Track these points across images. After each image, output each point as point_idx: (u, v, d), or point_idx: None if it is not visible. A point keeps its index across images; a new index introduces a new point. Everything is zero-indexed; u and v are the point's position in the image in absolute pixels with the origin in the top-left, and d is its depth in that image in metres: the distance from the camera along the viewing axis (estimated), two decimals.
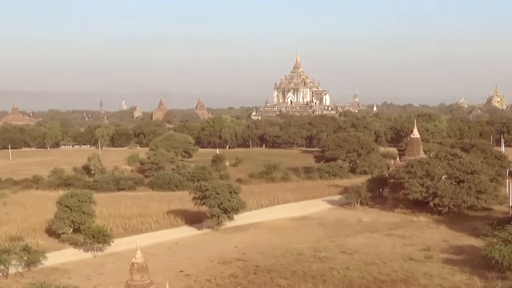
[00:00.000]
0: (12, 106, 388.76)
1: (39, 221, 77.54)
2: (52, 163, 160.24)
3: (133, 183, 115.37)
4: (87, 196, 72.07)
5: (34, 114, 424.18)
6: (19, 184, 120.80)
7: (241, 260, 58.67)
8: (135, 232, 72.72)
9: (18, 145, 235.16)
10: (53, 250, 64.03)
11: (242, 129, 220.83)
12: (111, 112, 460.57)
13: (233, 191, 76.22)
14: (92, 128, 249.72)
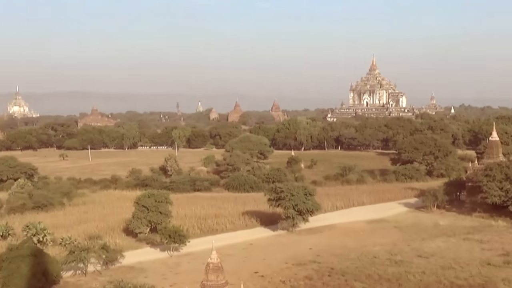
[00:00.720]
0: (92, 108, 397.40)
1: (117, 221, 79.01)
2: (130, 163, 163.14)
3: (208, 184, 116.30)
4: (164, 197, 73.02)
5: (112, 115, 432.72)
6: (98, 184, 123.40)
7: (316, 262, 58.43)
8: (211, 232, 73.26)
9: (97, 146, 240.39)
10: (130, 249, 65.10)
11: (318, 131, 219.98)
12: (187, 113, 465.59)
13: (308, 193, 76.01)
14: (169, 130, 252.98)
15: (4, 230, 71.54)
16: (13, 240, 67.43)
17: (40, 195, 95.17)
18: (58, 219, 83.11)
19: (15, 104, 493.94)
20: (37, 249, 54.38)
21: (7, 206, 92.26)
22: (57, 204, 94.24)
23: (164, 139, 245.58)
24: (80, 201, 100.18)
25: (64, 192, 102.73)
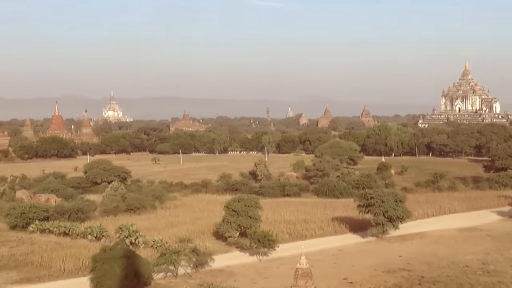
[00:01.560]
0: (183, 113, 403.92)
1: (207, 224, 79.92)
2: (220, 168, 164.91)
3: (298, 190, 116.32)
4: (254, 201, 73.40)
5: (203, 120, 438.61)
6: (189, 187, 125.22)
7: (406, 270, 57.55)
8: (300, 238, 73.19)
9: (188, 150, 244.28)
10: (220, 252, 65.70)
11: (408, 137, 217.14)
12: (277, 119, 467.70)
13: (399, 200, 75.03)
14: (259, 135, 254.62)
15: (98, 231, 73.50)
16: (107, 241, 69.14)
17: (133, 198, 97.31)
18: (150, 222, 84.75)
19: (110, 109, 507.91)
20: (130, 251, 55.60)
21: (101, 208, 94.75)
22: (149, 207, 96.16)
23: (254, 144, 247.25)
24: (172, 205, 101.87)
25: (156, 196, 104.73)
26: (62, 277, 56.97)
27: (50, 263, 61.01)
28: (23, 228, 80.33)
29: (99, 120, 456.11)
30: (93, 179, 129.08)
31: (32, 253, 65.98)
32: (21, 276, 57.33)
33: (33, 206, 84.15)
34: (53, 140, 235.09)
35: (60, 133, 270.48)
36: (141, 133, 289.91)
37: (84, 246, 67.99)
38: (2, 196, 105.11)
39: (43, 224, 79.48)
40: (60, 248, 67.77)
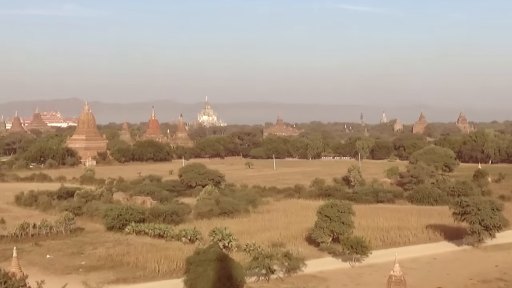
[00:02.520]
0: (277, 118, 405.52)
1: (299, 229, 79.88)
2: (313, 173, 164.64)
3: (392, 196, 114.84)
4: (347, 207, 73.00)
5: (297, 125, 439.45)
6: (282, 192, 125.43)
7: (503, 280, 55.97)
8: (393, 245, 72.26)
9: (281, 155, 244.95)
10: (312, 257, 65.55)
11: (506, 144, 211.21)
12: (371, 124, 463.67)
13: (496, 208, 73.04)
14: (352, 140, 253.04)
15: (192, 234, 74.62)
16: (200, 244, 70.06)
17: (226, 202, 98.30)
18: (243, 226, 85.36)
19: (205, 114, 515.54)
20: (223, 254, 56.15)
21: (196, 212, 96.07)
22: (242, 211, 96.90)
23: (348, 149, 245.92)
24: (264, 209, 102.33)
25: (249, 200, 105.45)
26: (156, 278, 58.10)
27: (145, 264, 62.33)
28: (120, 229, 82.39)
29: (194, 124, 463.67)
30: (188, 182, 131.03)
31: (128, 254, 67.60)
32: (117, 276, 58.78)
33: (129, 208, 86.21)
34: (149, 144, 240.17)
35: (156, 137, 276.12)
36: (235, 138, 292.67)
37: (178, 248, 69.15)
38: (100, 197, 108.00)
39: (139, 226, 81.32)
40: (155, 249, 69.18)
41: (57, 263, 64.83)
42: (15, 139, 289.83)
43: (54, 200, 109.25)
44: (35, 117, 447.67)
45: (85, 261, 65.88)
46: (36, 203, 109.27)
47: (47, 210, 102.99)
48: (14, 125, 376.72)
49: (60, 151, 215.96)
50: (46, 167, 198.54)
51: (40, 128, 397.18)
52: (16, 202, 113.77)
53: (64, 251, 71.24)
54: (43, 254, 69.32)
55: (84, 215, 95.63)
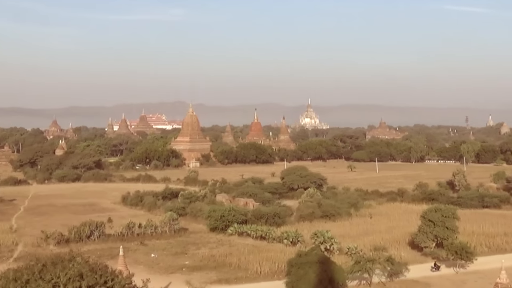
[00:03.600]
0: (380, 120, 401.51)
1: (402, 233, 78.80)
2: (416, 177, 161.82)
3: (498, 201, 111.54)
4: (451, 212, 71.57)
5: (400, 128, 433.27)
6: (384, 196, 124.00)
7: None
8: (499, 251, 70.17)
9: (384, 158, 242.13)
10: (415, 263, 64.54)
11: None
12: (477, 128, 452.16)
13: None
14: (457, 144, 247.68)
15: (294, 236, 74.82)
16: (302, 246, 70.16)
17: (328, 205, 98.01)
18: (345, 229, 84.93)
19: (307, 116, 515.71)
20: (324, 257, 56.07)
21: (297, 214, 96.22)
22: (344, 214, 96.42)
23: (452, 153, 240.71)
24: (367, 213, 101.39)
25: (351, 203, 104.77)
26: (258, 279, 58.56)
27: (247, 265, 62.91)
28: (222, 230, 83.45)
29: (296, 127, 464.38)
30: (290, 185, 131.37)
31: (230, 255, 68.41)
32: (220, 277, 59.60)
33: (232, 210, 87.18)
34: (252, 146, 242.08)
35: (258, 139, 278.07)
36: (337, 141, 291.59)
37: (280, 250, 69.48)
38: (203, 199, 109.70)
39: (241, 227, 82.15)
40: (257, 251, 69.73)
41: (161, 262, 66.34)
42: (122, 140, 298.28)
43: (159, 201, 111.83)
44: (141, 119, 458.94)
45: (189, 261, 67.10)
46: (141, 203, 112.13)
47: (152, 210, 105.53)
48: (121, 127, 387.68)
49: (165, 153, 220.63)
50: (151, 168, 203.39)
51: (146, 130, 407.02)
52: (122, 202, 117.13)
53: (168, 250, 72.80)
54: (148, 253, 71.07)
55: (188, 216, 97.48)
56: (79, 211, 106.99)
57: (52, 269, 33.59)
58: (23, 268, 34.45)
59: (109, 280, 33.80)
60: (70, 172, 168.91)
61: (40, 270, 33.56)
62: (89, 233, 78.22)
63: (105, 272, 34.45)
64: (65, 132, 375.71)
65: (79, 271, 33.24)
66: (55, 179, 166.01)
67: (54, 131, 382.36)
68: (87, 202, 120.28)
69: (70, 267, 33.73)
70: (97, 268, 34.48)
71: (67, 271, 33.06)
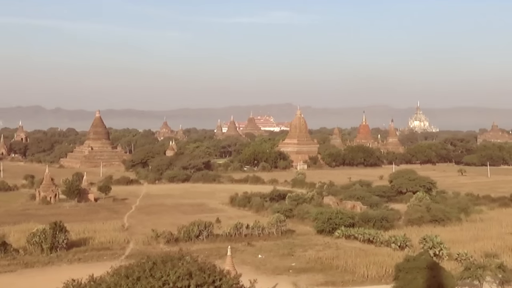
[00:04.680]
0: (492, 123, 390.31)
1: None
2: None
3: None
4: None
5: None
6: (496, 201, 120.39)
7: None
8: None
9: (496, 162, 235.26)
10: None
11: None
12: None
13: None
14: None
15: (402, 240, 73.83)
16: (410, 251, 69.17)
17: (437, 209, 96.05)
18: (455, 234, 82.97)
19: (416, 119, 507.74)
20: (434, 262, 55.00)
21: (406, 218, 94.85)
22: (454, 219, 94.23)
23: None
24: (477, 218, 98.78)
25: (461, 208, 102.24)
26: (365, 283, 58.12)
27: (354, 268, 62.52)
28: (329, 233, 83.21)
29: (404, 130, 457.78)
30: (398, 188, 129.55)
31: (337, 257, 68.15)
32: (326, 279, 59.49)
33: (339, 212, 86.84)
34: (360, 149, 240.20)
35: (366, 142, 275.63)
36: (448, 144, 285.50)
37: (388, 254, 68.69)
38: (311, 201, 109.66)
39: (348, 230, 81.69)
40: (364, 254, 69.19)
41: (268, 263, 66.79)
42: (231, 142, 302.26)
43: (267, 202, 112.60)
44: (249, 121, 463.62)
45: (295, 262, 67.27)
46: (249, 204, 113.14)
47: (259, 212, 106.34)
48: (230, 129, 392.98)
49: (273, 155, 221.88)
50: (259, 169, 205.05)
51: (254, 132, 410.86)
52: (230, 203, 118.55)
53: (275, 252, 73.19)
54: (255, 254, 71.70)
55: (295, 218, 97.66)
56: (188, 211, 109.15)
57: (162, 267, 34.42)
58: (135, 266, 35.44)
59: (217, 280, 34.34)
60: (179, 173, 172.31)
61: (151, 268, 34.45)
62: (197, 232, 79.62)
63: (213, 272, 35.01)
64: (175, 134, 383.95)
65: (188, 270, 33.94)
66: (165, 179, 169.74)
67: (165, 132, 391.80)
68: (196, 202, 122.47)
69: (180, 265, 34.49)
70: (205, 267, 35.10)
71: (176, 270, 33.81)
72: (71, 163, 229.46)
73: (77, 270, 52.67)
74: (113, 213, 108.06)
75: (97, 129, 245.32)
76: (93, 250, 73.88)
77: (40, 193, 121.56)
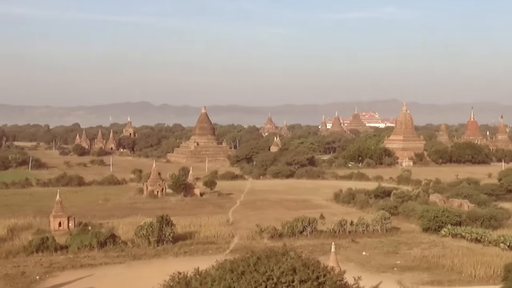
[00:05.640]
0: None
1: None
2: None
3: None
4: None
5: None
6: None
7: None
8: None
9: None
10: None
11: None
12: None
13: None
14: None
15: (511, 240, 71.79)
16: None
17: None
18: None
19: None
20: None
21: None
22: None
23: None
24: None
25: None
26: (472, 283, 56.88)
27: (461, 268, 61.25)
28: (435, 231, 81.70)
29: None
30: (508, 186, 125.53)
31: (443, 256, 66.89)
32: (432, 278, 58.56)
33: (446, 210, 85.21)
34: (467, 146, 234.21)
35: (474, 139, 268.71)
36: None
37: (496, 254, 66.95)
38: (416, 198, 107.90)
39: (455, 229, 79.93)
40: (471, 254, 67.66)
41: (373, 261, 66.27)
42: (335, 138, 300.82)
43: (371, 199, 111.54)
44: (354, 117, 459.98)
45: (400, 260, 66.52)
46: (353, 201, 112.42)
47: (364, 208, 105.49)
48: (334, 125, 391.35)
49: (378, 151, 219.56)
50: (363, 166, 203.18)
51: (358, 128, 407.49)
52: (334, 199, 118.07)
53: (380, 249, 72.54)
54: (359, 251, 71.29)
55: (400, 215, 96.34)
56: (292, 207, 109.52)
57: (266, 262, 34.62)
58: (239, 260, 35.79)
59: (321, 276, 34.26)
60: (284, 169, 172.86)
61: (255, 263, 34.70)
62: (301, 228, 79.77)
63: (317, 268, 34.94)
64: (279, 129, 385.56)
65: (292, 265, 34.01)
66: (269, 175, 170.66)
67: (269, 128, 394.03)
68: (299, 198, 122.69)
69: (284, 261, 34.60)
70: (309, 263, 35.08)
71: (280, 265, 33.95)
72: (178, 158, 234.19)
73: (183, 263, 53.80)
74: (218, 207, 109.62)
75: (202, 125, 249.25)
76: (198, 243, 75.25)
77: (148, 187, 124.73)
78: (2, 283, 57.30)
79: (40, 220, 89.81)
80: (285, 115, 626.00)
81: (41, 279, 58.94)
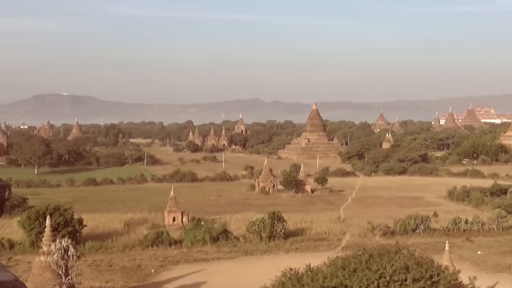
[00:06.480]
0: None
1: None
2: None
3: None
4: None
5: None
6: None
7: None
8: None
9: None
10: None
11: None
12: None
13: None
14: None
15: None
16: None
17: None
18: None
19: None
20: None
21: None
22: None
23: None
24: None
25: None
26: None
27: None
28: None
29: None
30: None
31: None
32: None
33: None
34: None
35: None
36: None
37: None
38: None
39: None
40: None
41: (488, 260, 64.64)
42: (449, 134, 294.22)
43: (487, 197, 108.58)
44: (468, 113, 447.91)
45: None
46: (468, 199, 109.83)
47: (479, 206, 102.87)
48: (447, 121, 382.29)
49: (494, 148, 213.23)
50: (478, 163, 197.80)
51: (473, 124, 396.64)
52: (448, 197, 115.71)
53: (496, 248, 70.65)
54: (474, 250, 69.66)
55: None
56: (404, 204, 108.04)
57: (379, 260, 34.36)
58: (351, 257, 35.68)
59: (434, 275, 33.70)
60: (396, 165, 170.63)
61: (367, 260, 34.51)
62: (414, 226, 78.64)
63: (431, 267, 34.40)
64: (391, 126, 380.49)
65: (405, 264, 33.62)
66: (381, 172, 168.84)
67: (381, 124, 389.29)
68: (412, 195, 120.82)
69: (396, 259, 34.24)
70: (422, 262, 34.58)
71: (393, 263, 33.62)
72: (289, 154, 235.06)
73: (294, 259, 54.18)
74: (329, 204, 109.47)
75: (313, 121, 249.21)
76: (309, 240, 75.51)
77: (259, 183, 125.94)
78: (119, 275, 59.38)
79: (155, 215, 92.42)
80: (397, 111, 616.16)
81: (156, 272, 60.78)
